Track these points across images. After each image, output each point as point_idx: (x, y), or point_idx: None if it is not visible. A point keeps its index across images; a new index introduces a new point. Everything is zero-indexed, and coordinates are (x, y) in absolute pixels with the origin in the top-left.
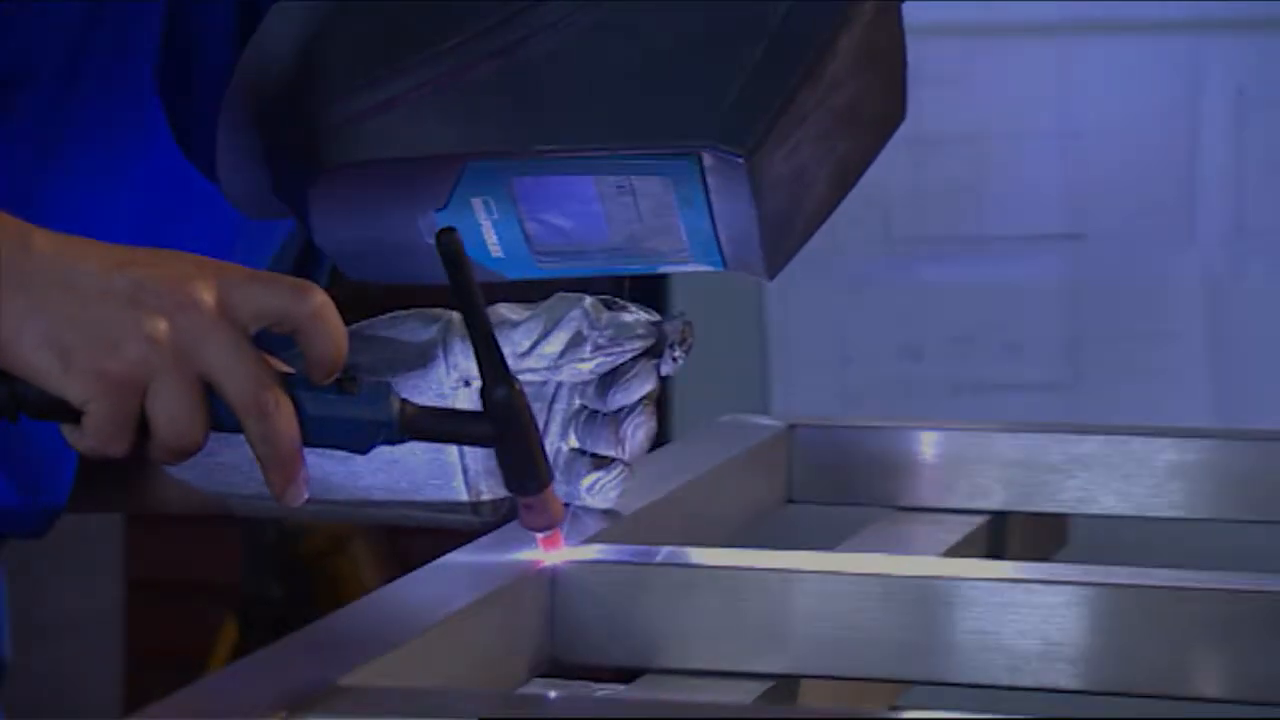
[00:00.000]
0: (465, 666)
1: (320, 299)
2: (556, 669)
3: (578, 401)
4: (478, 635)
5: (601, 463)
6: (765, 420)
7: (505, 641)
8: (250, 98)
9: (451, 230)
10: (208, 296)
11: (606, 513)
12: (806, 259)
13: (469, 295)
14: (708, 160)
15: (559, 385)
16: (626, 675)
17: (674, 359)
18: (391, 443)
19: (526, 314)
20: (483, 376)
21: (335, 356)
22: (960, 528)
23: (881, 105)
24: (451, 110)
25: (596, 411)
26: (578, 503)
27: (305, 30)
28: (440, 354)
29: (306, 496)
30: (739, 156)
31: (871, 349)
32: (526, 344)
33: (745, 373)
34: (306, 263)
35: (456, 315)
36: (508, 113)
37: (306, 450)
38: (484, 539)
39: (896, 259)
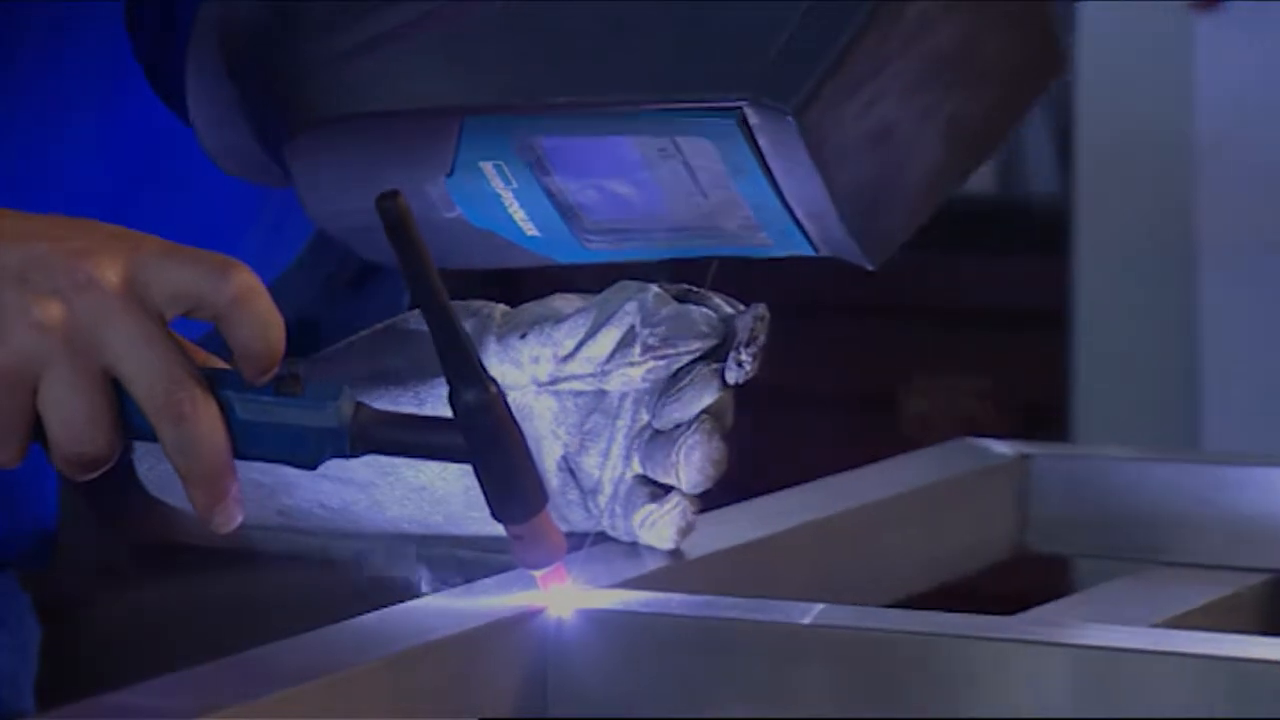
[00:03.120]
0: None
1: (243, 280)
2: None
3: (644, 416)
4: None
5: (659, 493)
6: (1001, 446)
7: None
8: (218, 32)
9: (394, 194)
10: (112, 275)
11: (672, 554)
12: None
13: (420, 273)
14: (753, 118)
15: (622, 396)
16: None
17: (740, 363)
18: (343, 456)
19: (579, 307)
20: (447, 376)
21: (264, 349)
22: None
23: (1015, 54)
24: (446, 53)
25: (660, 430)
26: (630, 540)
27: None
28: None
29: (239, 520)
30: (786, 112)
31: None
32: (570, 345)
33: (1167, 398)
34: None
35: (500, 309)
36: (513, 58)
37: (322, 474)
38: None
39: None
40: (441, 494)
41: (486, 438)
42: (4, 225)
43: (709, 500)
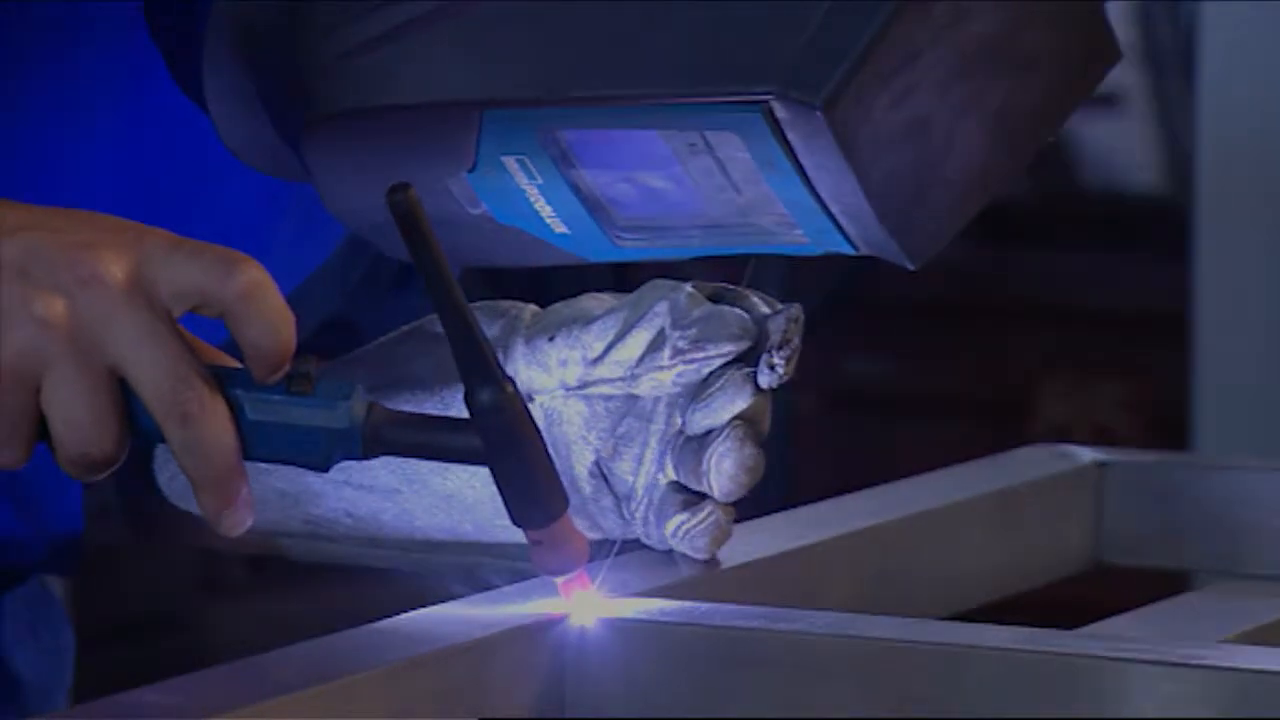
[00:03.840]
0: None
1: (252, 275)
2: None
3: (678, 420)
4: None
5: (692, 501)
6: (1077, 452)
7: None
8: (233, 23)
9: (404, 187)
10: (116, 269)
11: (707, 562)
12: None
13: (433, 269)
14: (780, 111)
15: (656, 399)
16: None
17: (772, 366)
18: (355, 458)
19: (610, 307)
20: (462, 375)
21: (274, 347)
22: None
23: (1063, 44)
24: (464, 45)
25: (693, 436)
26: (664, 548)
27: None
28: (500, 358)
29: (249, 524)
30: (814, 105)
31: None
32: (600, 347)
33: None
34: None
35: (530, 310)
36: (532, 50)
37: (345, 480)
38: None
39: None
40: (470, 501)
41: (503, 439)
42: (4, 216)
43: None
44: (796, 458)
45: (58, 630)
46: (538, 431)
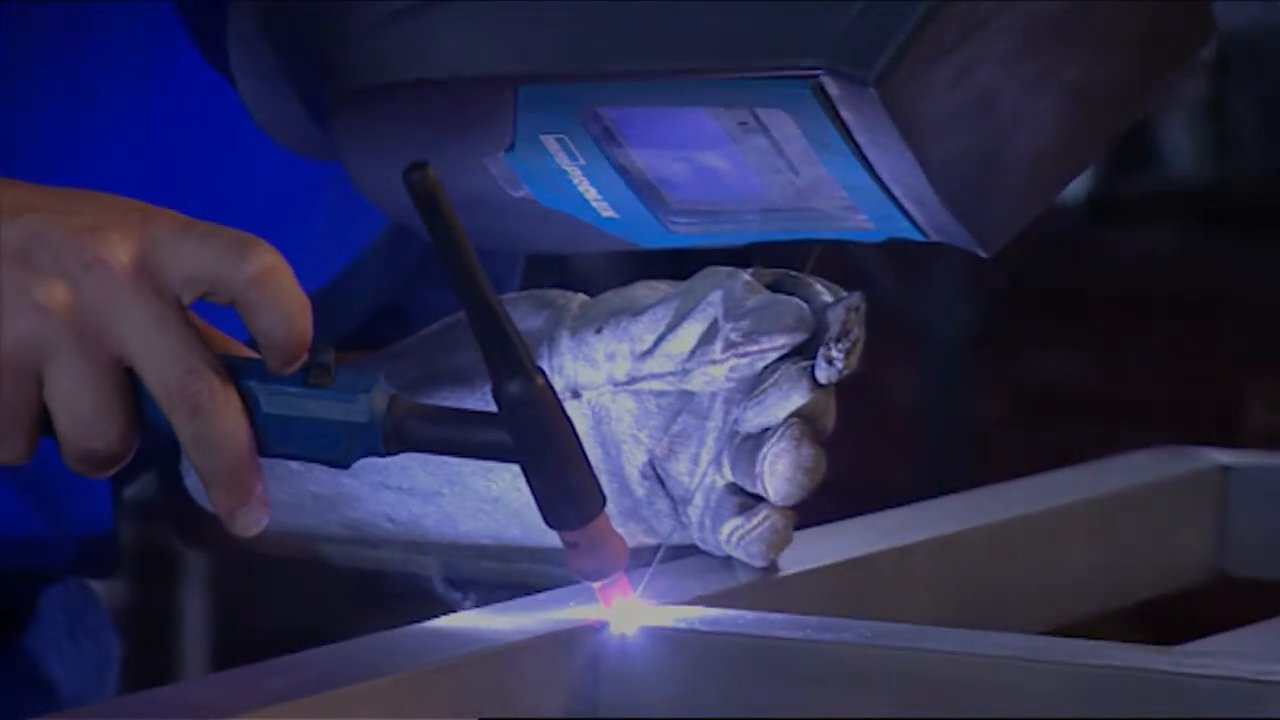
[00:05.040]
0: None
1: (264, 259)
2: None
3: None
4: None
5: (749, 504)
6: (1200, 454)
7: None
8: None
9: (422, 164)
10: (122, 253)
11: (765, 570)
12: None
13: (454, 252)
14: (831, 88)
15: (713, 395)
16: None
17: (830, 359)
18: (377, 454)
19: (662, 296)
20: (488, 366)
21: (288, 335)
22: None
23: (1148, 14)
24: (498, 17)
25: (750, 435)
26: (722, 555)
27: None
28: (544, 352)
29: (265, 523)
30: (866, 81)
31: None
32: (650, 340)
33: None
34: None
35: (578, 299)
36: (569, 22)
37: (383, 483)
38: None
39: None
40: (517, 505)
41: (534, 434)
42: (4, 197)
43: None
44: (985, 470)
45: (99, 635)
46: (571, 426)
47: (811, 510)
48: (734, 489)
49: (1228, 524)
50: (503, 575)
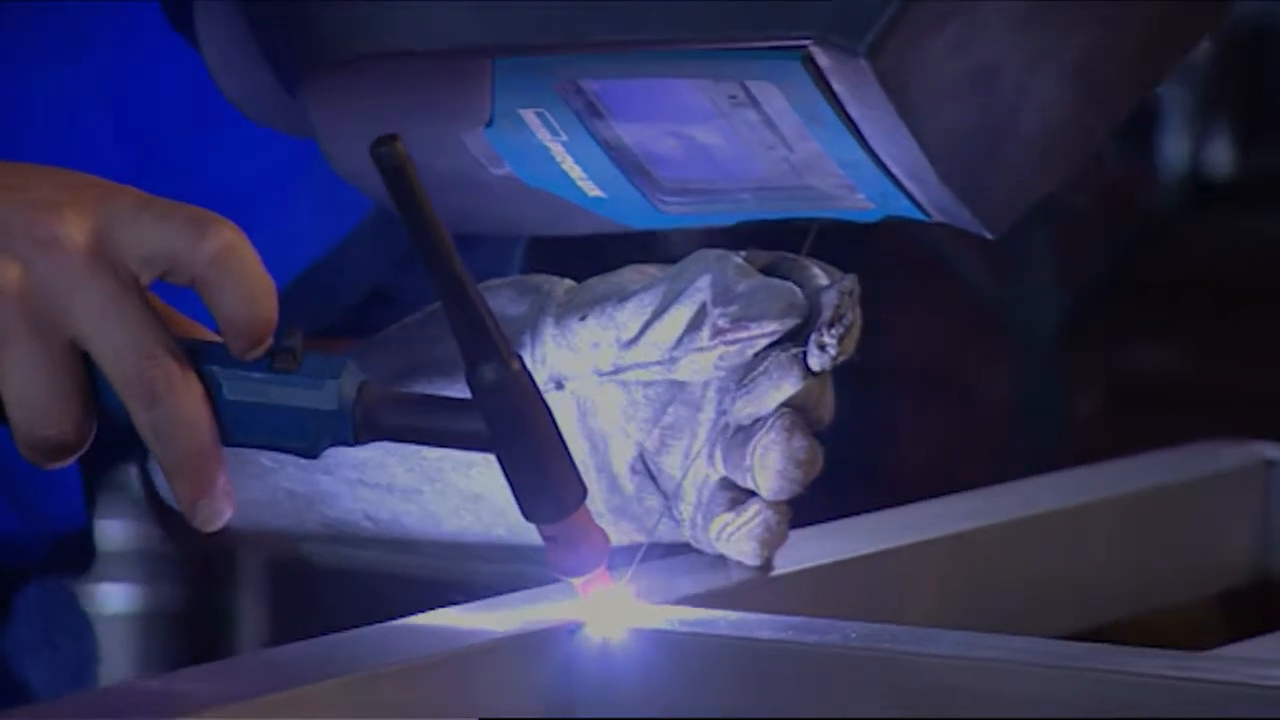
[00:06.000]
0: None
1: (225, 237)
2: None
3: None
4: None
5: (740, 499)
6: (1256, 448)
7: None
8: None
9: (391, 138)
10: (77, 232)
11: (759, 570)
12: None
13: (424, 230)
14: (821, 59)
15: (705, 384)
16: None
17: (822, 346)
18: (346, 443)
19: (649, 281)
20: (461, 350)
21: (252, 318)
22: None
23: None
24: None
25: (742, 427)
26: (715, 553)
27: None
28: (527, 341)
29: (228, 516)
30: (857, 52)
31: None
32: (635, 327)
33: None
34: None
35: (564, 285)
36: None
37: (360, 480)
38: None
39: None
40: (502, 503)
41: (508, 421)
42: None
43: None
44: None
45: (79, 638)
46: (549, 413)
47: None
48: (726, 484)
49: (1272, 522)
50: (491, 577)
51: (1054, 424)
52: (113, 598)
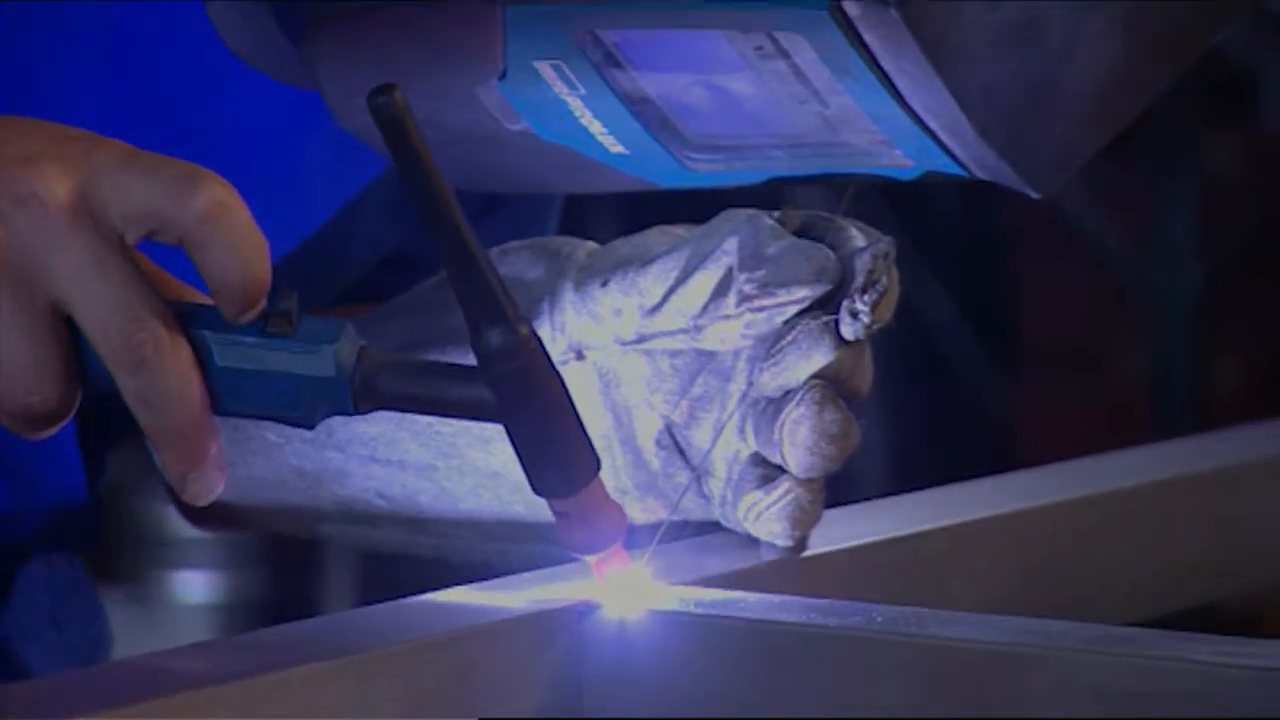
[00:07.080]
0: None
1: (216, 194)
2: None
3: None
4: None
5: (772, 475)
6: None
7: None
8: None
9: (389, 88)
10: (60, 188)
11: (790, 550)
12: None
13: (424, 185)
14: (851, 8)
15: (736, 355)
16: None
17: (854, 313)
18: (345, 412)
19: (674, 243)
20: (465, 315)
21: (243, 279)
22: None
23: None
24: None
25: (773, 400)
26: (744, 532)
27: None
28: (545, 308)
29: (220, 489)
30: (887, 1)
31: None
32: (658, 293)
33: None
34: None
35: (586, 247)
36: None
37: (370, 456)
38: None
39: None
40: (518, 479)
41: (516, 389)
42: None
43: None
44: None
45: (89, 620)
46: (560, 382)
47: None
48: (758, 459)
49: None
50: (511, 557)
51: (1189, 403)
52: (193, 586)
